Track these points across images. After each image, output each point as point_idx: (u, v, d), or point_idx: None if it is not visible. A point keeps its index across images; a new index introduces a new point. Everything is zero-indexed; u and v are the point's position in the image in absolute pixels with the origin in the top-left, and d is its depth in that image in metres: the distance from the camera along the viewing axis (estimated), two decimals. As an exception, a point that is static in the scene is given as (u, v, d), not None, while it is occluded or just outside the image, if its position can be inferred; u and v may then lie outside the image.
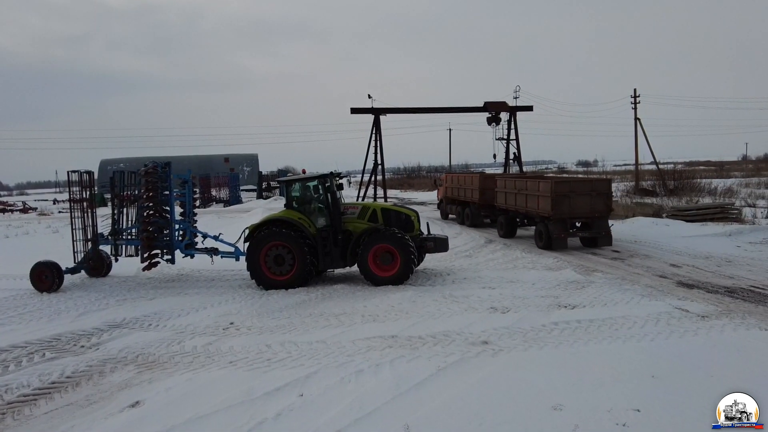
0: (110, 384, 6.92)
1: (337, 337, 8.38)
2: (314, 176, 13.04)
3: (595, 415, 5.55)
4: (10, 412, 6.22)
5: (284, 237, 12.05)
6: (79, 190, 13.69)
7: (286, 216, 12.53)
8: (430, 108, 34.27)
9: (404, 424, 5.48)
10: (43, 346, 8.46)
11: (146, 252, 12.94)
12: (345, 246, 12.38)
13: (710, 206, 22.38)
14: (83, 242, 13.65)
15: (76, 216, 13.66)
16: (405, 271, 11.96)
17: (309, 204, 13.01)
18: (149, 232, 12.80)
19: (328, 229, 12.48)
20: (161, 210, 13.07)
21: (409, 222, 12.86)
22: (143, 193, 12.86)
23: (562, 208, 16.34)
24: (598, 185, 17.49)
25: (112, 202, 13.87)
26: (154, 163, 13.10)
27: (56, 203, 63.09)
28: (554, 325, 8.53)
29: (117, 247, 13.76)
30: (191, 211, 13.77)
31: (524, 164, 33.29)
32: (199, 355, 7.79)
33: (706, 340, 7.71)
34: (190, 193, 13.98)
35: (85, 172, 13.90)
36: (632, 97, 41.71)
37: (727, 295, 10.26)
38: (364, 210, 13.01)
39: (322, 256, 12.33)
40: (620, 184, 45.74)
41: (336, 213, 12.53)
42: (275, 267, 12.13)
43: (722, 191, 33.41)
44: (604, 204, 16.78)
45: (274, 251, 12.12)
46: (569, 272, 12.72)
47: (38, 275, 12.48)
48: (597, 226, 16.72)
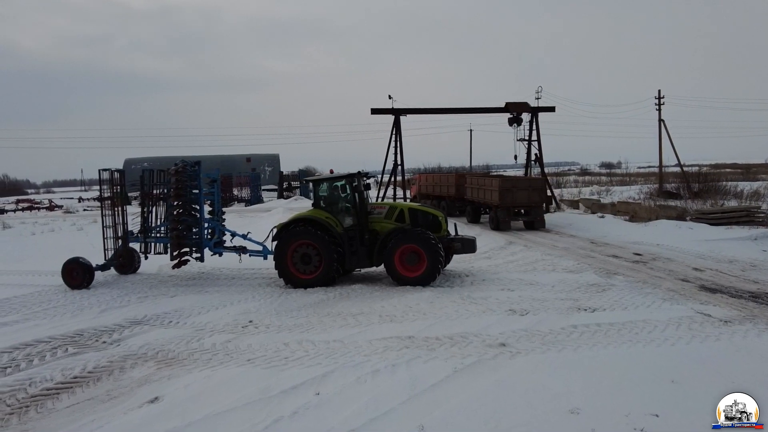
0: (130, 379, 7.03)
1: (354, 336, 8.41)
2: (342, 176, 13.03)
3: (613, 419, 5.49)
4: (34, 405, 6.35)
5: (311, 236, 12.10)
6: (109, 188, 13.83)
7: (314, 215, 12.56)
8: (451, 108, 34.11)
9: (419, 424, 5.48)
10: (66, 341, 8.63)
11: (176, 250, 13.05)
12: (372, 246, 12.34)
13: (735, 209, 21.94)
14: (114, 240, 13.78)
15: (106, 213, 13.77)
16: (431, 272, 11.84)
17: (336, 203, 13.01)
18: (179, 231, 12.91)
19: (355, 228, 12.47)
20: (190, 208, 13.17)
21: (436, 222, 12.76)
22: (173, 192, 12.96)
23: (507, 199, 22.22)
24: (534, 183, 24.37)
25: (141, 200, 13.99)
26: (184, 162, 13.19)
27: (81, 201, 64.24)
28: (573, 328, 8.45)
29: (146, 245, 13.87)
30: (220, 210, 13.86)
31: (546, 165, 32.94)
32: (217, 353, 7.87)
33: (729, 345, 7.58)
34: (219, 192, 14.06)
35: (116, 170, 14.05)
36: (656, 98, 41.13)
37: (751, 300, 10.06)
38: (391, 210, 12.96)
39: (348, 256, 12.33)
40: (643, 186, 45.21)
41: (363, 212, 12.54)
42: (302, 265, 12.20)
43: (748, 194, 32.71)
44: (538, 196, 22.96)
45: (302, 250, 12.18)
46: (590, 275, 12.59)
47: (69, 272, 12.70)
48: (533, 213, 22.81)
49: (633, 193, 38.63)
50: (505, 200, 22.21)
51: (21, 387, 6.82)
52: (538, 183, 24.28)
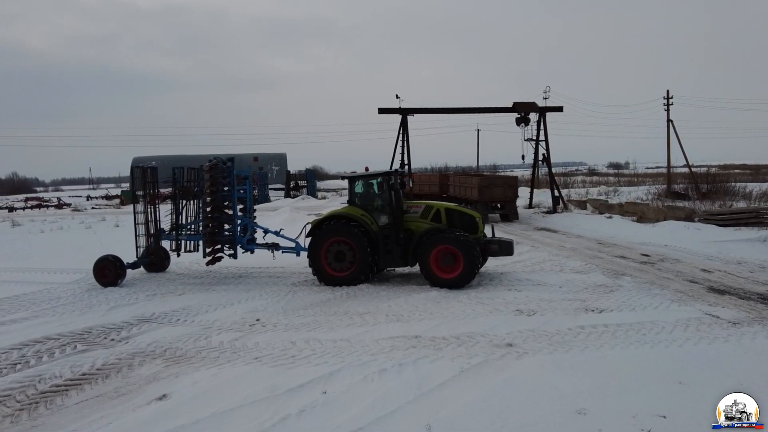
0: (139, 377, 7.07)
1: (361, 335, 8.42)
2: (378, 173, 12.93)
3: (620, 420, 5.47)
4: (43, 402, 6.40)
5: (346, 233, 12.02)
6: (142, 185, 13.71)
7: (349, 212, 12.44)
8: (458, 108, 34.03)
9: (426, 424, 5.49)
10: (74, 338, 8.69)
11: (210, 247, 13.04)
12: (406, 245, 12.17)
13: (744, 210, 21.80)
14: (145, 237, 13.66)
15: (138, 211, 13.62)
16: (467, 273, 11.54)
17: (371, 201, 12.82)
18: (212, 228, 12.89)
19: (390, 227, 12.30)
20: (223, 205, 13.13)
21: (473, 223, 12.46)
22: (206, 189, 12.88)
23: (485, 195, 25.72)
24: (508, 180, 28.30)
25: (173, 197, 13.88)
26: (218, 159, 13.12)
27: (89, 199, 64.58)
28: (581, 329, 8.43)
29: (179, 243, 13.81)
30: (251, 207, 13.82)
31: (553, 165, 32.84)
32: (225, 351, 7.91)
33: (737, 347, 7.54)
34: (251, 189, 14.00)
35: (149, 167, 13.92)
36: (665, 99, 40.96)
37: (760, 302, 10.01)
38: (427, 209, 12.68)
39: (382, 254, 12.19)
40: (651, 186, 45.00)
41: (398, 211, 12.39)
42: (335, 263, 12.12)
43: (758, 195, 32.49)
44: (512, 192, 26.71)
45: (336, 247, 12.11)
46: (597, 275, 12.56)
47: (101, 269, 12.63)
48: (508, 207, 26.46)
49: (641, 194, 38.46)
50: (483, 196, 25.69)
51: (30, 384, 6.87)
52: (512, 180, 27.99)
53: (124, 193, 58.43)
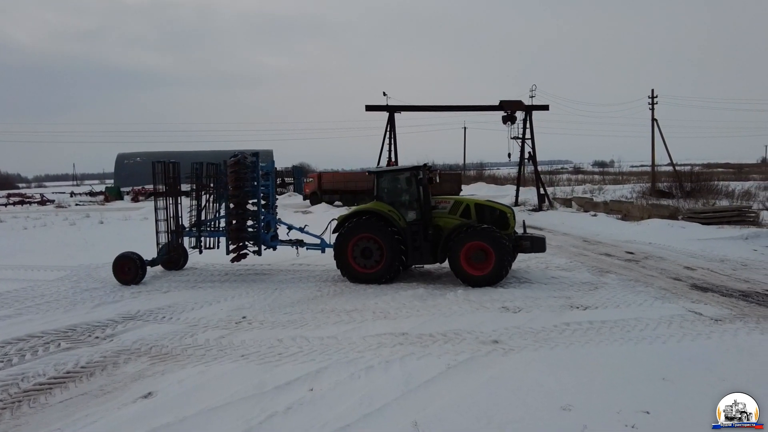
0: (124, 375, 7.02)
1: (348, 333, 8.43)
2: (406, 168, 12.69)
3: (605, 416, 5.53)
4: (27, 400, 6.33)
5: (374, 229, 11.78)
6: (163, 180, 13.35)
7: (376, 208, 12.15)
8: (445, 106, 34.08)
9: (413, 420, 5.51)
10: (58, 336, 8.60)
11: (235, 244, 12.89)
12: (435, 241, 11.90)
13: (727, 209, 22.09)
14: (166, 234, 13.41)
15: (159, 207, 13.34)
16: (499, 270, 11.24)
17: (399, 196, 12.58)
18: (237, 224, 12.73)
19: (418, 223, 12.02)
20: (247, 201, 12.94)
21: (503, 219, 12.19)
22: (231, 184, 12.66)
23: None
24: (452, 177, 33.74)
25: (195, 193, 13.65)
26: (242, 154, 12.93)
27: (73, 196, 63.89)
28: (566, 326, 8.51)
29: (200, 240, 13.59)
30: (274, 203, 13.65)
31: (539, 164, 33.05)
32: (211, 348, 7.87)
33: (719, 343, 7.64)
34: (273, 184, 13.76)
35: (171, 162, 13.55)
36: (650, 98, 41.35)
37: (741, 299, 10.15)
38: (456, 205, 12.37)
39: (411, 251, 11.92)
40: (636, 185, 45.41)
41: (427, 207, 12.08)
42: (362, 259, 11.92)
43: (740, 194, 32.95)
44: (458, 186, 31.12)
45: (362, 243, 11.88)
46: (582, 273, 12.67)
47: (121, 267, 12.44)
48: None
49: (626, 192, 38.79)
50: None
51: (14, 382, 6.79)
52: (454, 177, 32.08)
53: (109, 189, 57.81)
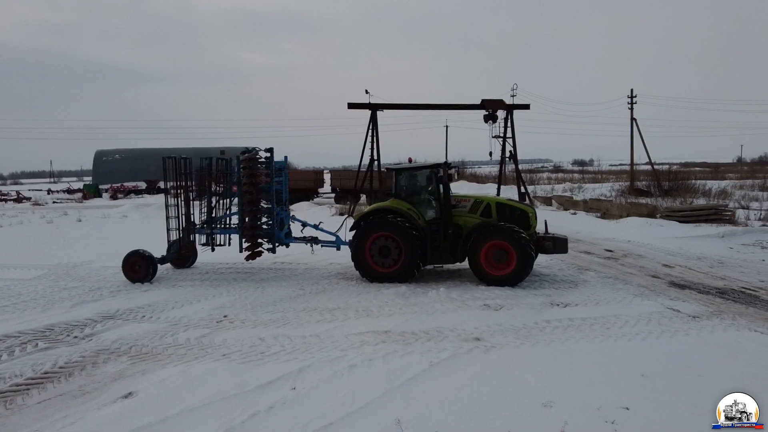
0: (103, 375, 6.93)
1: (330, 331, 8.41)
2: (426, 165, 12.48)
3: (585, 412, 5.60)
4: (3, 401, 6.22)
5: (392, 227, 11.57)
6: (174, 177, 12.94)
7: (394, 206, 11.95)
8: (427, 105, 34.12)
9: (396, 418, 5.52)
10: (36, 336, 8.46)
11: (250, 241, 12.71)
12: (455, 241, 11.71)
13: (704, 207, 22.47)
14: (177, 231, 13.08)
15: (171, 204, 12.96)
16: (520, 270, 11.07)
17: (418, 194, 12.40)
18: (251, 221, 12.56)
19: (438, 221, 11.83)
20: (261, 198, 12.74)
21: (525, 218, 11.94)
22: (245, 181, 12.45)
23: None
24: None
25: (208, 190, 13.42)
26: (255, 150, 12.70)
27: (50, 193, 62.83)
28: (546, 323, 8.59)
29: (212, 238, 13.33)
30: (287, 200, 13.45)
31: (520, 162, 33.27)
32: (192, 348, 7.81)
33: (697, 340, 7.78)
34: (286, 180, 13.53)
35: (183, 158, 13.14)
36: (629, 98, 41.81)
37: (718, 296, 10.33)
38: (476, 203, 12.16)
39: (430, 250, 11.72)
40: (615, 184, 45.94)
41: (447, 205, 11.82)
42: (380, 258, 11.73)
43: (716, 193, 33.53)
44: None
45: (381, 242, 11.67)
46: (563, 271, 12.80)
47: (131, 265, 12.22)
48: None
49: (605, 191, 39.24)
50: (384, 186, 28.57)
51: (-10, 382, 6.68)
52: None
53: (87, 186, 56.92)
